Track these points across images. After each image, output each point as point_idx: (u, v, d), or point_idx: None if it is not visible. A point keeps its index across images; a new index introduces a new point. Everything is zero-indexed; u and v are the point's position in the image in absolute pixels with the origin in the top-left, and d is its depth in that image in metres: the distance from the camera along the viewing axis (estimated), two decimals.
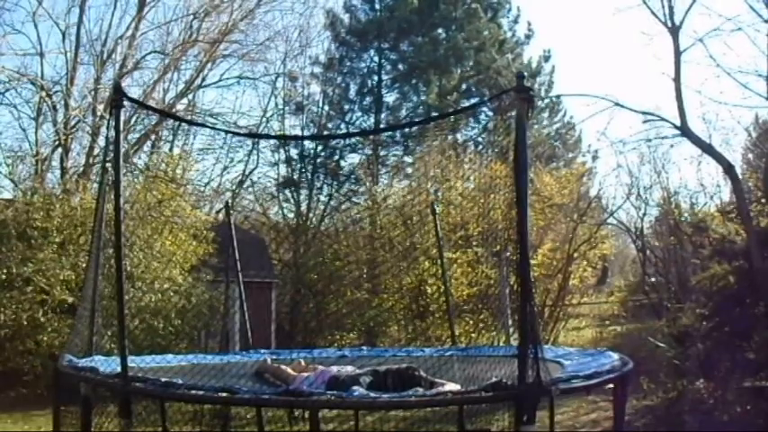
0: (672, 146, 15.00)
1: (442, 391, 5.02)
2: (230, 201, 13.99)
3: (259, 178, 24.93)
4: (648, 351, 12.50)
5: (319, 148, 24.60)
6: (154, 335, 13.51)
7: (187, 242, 15.07)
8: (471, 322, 15.40)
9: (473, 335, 14.79)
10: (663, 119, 11.64)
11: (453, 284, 13.66)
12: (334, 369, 6.15)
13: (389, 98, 25.88)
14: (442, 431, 9.92)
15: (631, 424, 9.92)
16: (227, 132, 27.06)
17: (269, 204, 25.17)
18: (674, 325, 12.11)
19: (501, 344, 9.34)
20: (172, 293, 14.18)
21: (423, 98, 25.27)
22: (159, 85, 21.55)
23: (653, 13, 11.42)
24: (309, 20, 25.14)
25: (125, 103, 4.98)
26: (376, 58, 25.84)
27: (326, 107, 25.36)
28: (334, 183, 23.88)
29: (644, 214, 20.85)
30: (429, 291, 16.31)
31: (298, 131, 25.10)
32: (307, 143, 24.42)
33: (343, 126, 25.44)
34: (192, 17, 21.22)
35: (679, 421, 9.91)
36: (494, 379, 4.67)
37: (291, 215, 24.08)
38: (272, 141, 24.20)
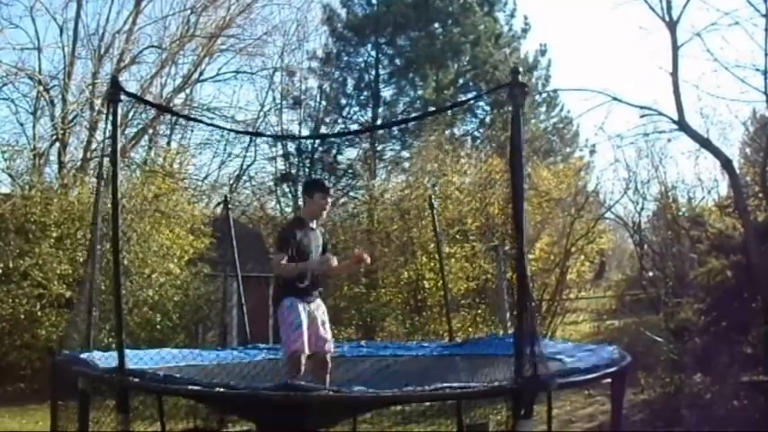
0: (669, 140, 14.96)
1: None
2: (228, 195, 13.96)
3: (257, 173, 25.04)
4: (646, 345, 12.48)
5: (317, 142, 24.65)
6: (151, 329, 13.53)
7: (184, 236, 15.07)
8: (469, 317, 15.42)
9: (471, 329, 14.81)
10: (660, 113, 11.59)
11: (451, 279, 13.64)
12: None
13: (386, 93, 25.83)
14: (440, 426, 9.91)
15: (629, 418, 9.89)
16: (223, 129, 27.04)
17: (266, 199, 25.23)
18: (672, 319, 12.10)
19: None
20: (169, 287, 14.19)
21: (420, 93, 25.22)
22: (157, 79, 21.60)
23: (651, 7, 11.36)
24: (306, 14, 25.43)
25: (122, 97, 4.94)
26: (373, 53, 25.81)
27: (324, 102, 25.47)
28: (332, 177, 23.88)
29: (641, 209, 20.92)
30: (427, 285, 16.30)
31: (295, 126, 25.17)
32: None
33: (340, 121, 25.52)
34: (189, 12, 21.27)
35: (676, 416, 9.89)
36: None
37: (289, 210, 24.11)
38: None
